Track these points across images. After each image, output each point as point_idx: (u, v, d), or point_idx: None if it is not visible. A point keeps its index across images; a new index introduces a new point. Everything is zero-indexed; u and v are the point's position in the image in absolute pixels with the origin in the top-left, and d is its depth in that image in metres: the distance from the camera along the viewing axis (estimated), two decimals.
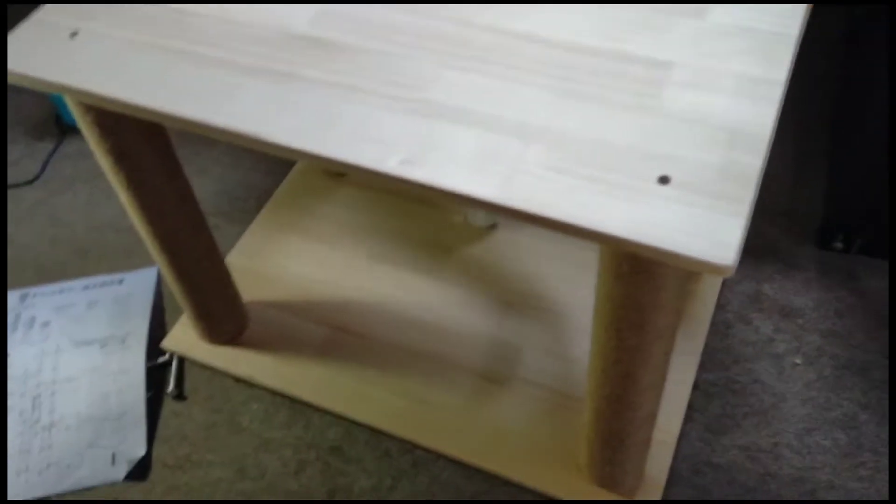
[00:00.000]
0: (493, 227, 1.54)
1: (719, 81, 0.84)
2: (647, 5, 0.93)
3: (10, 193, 1.73)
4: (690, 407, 1.31)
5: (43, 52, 0.94)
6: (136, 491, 1.28)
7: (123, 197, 1.15)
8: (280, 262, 1.54)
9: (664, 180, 0.76)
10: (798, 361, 1.36)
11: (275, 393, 1.38)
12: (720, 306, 1.43)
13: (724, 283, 1.46)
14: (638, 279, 0.82)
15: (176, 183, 1.17)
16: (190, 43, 0.93)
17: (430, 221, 1.58)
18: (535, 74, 0.86)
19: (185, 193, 1.20)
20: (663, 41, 0.89)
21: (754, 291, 1.45)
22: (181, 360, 1.43)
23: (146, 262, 1.58)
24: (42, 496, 1.28)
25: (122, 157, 1.08)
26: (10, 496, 1.28)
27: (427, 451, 1.30)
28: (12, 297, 1.52)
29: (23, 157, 1.81)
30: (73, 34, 0.95)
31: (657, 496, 1.21)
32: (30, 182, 1.75)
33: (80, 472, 1.30)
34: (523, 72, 0.87)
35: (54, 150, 1.82)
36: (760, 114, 0.81)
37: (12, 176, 1.77)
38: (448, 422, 1.31)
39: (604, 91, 0.84)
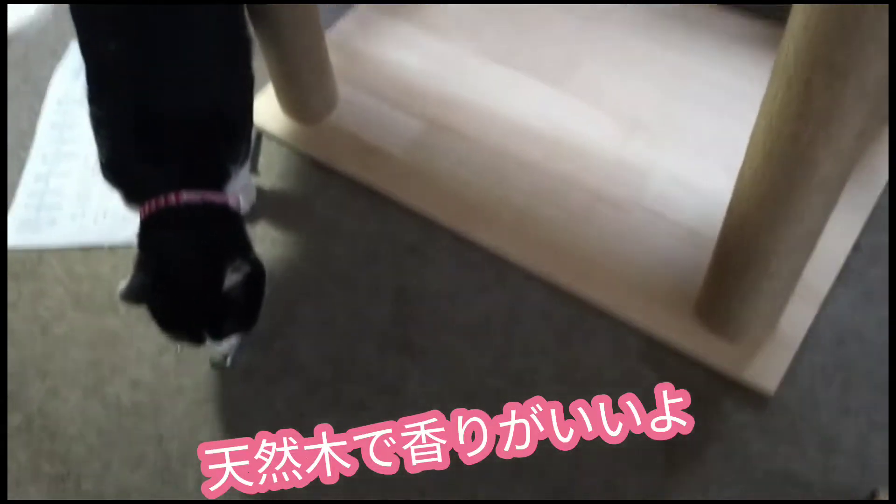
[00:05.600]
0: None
1: None
2: None
3: None
4: (847, 268, 1.06)
5: None
6: None
7: None
8: (382, 46, 1.36)
9: None
10: None
11: (355, 183, 1.22)
12: None
13: None
14: None
15: None
16: None
17: (561, 25, 1.35)
18: None
19: None
20: None
21: None
22: (259, 134, 1.28)
23: None
24: (94, 243, 1.18)
25: None
26: (63, 240, 1.18)
27: (517, 267, 1.11)
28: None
29: None
30: None
31: (786, 359, 0.99)
32: None
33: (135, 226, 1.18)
34: None
35: None
36: None
37: None
38: (547, 238, 1.12)
39: None
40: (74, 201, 1.22)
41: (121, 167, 0.95)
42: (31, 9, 1.47)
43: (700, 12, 1.34)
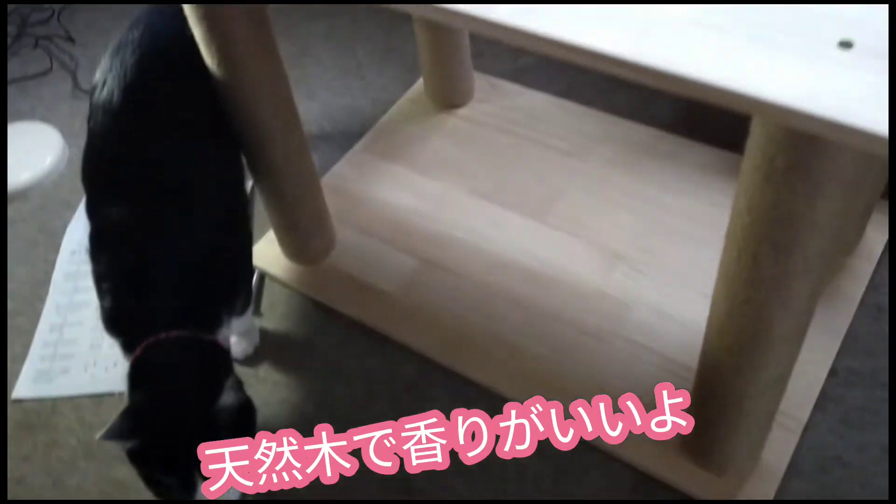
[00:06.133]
0: None
1: None
2: None
3: None
4: (824, 395, 1.11)
5: None
6: None
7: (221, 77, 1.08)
8: (376, 188, 1.45)
9: (846, 45, 0.60)
10: None
11: (354, 322, 1.28)
12: (873, 286, 1.21)
13: (881, 261, 1.24)
14: (793, 179, 0.66)
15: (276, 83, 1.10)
16: None
17: (541, 161, 1.44)
18: None
19: (286, 96, 1.12)
20: None
21: None
22: (261, 276, 1.35)
23: None
24: (105, 391, 1.23)
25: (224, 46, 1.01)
26: (76, 389, 1.24)
27: (509, 401, 1.15)
28: None
29: None
30: None
31: (771, 489, 1.03)
32: None
33: None
34: None
35: None
36: None
37: None
38: (535, 372, 1.17)
39: None
40: (87, 351, 1.29)
41: (117, 319, 0.99)
42: (47, 162, 1.57)
43: (669, 145, 1.43)
